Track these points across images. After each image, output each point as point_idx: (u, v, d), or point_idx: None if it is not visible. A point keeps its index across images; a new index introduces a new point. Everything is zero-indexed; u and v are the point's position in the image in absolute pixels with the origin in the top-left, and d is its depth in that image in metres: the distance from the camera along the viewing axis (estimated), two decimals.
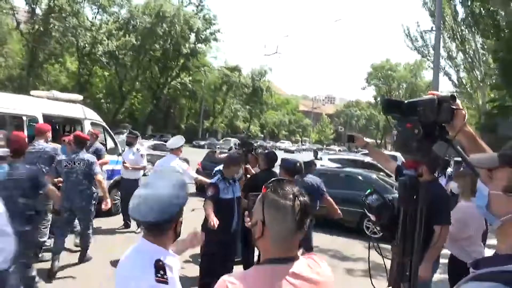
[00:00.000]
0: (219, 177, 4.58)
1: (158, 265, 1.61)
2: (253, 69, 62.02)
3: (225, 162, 4.72)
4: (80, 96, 8.99)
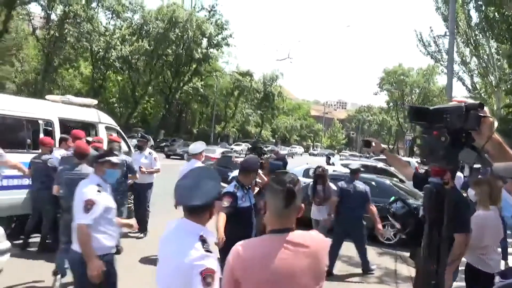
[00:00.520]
0: (235, 185, 4.26)
1: (203, 239, 2.00)
2: (265, 74, 61.94)
3: (244, 168, 4.40)
4: (95, 101, 9.10)
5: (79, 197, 3.40)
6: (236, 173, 4.77)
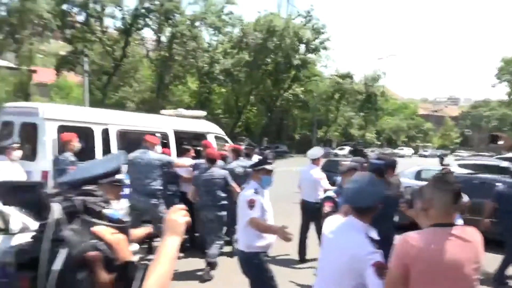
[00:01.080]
0: (337, 190, 4.37)
1: (370, 237, 2.32)
2: (366, 74, 59.65)
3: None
4: (204, 112, 9.61)
5: (242, 199, 3.89)
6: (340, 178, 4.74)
